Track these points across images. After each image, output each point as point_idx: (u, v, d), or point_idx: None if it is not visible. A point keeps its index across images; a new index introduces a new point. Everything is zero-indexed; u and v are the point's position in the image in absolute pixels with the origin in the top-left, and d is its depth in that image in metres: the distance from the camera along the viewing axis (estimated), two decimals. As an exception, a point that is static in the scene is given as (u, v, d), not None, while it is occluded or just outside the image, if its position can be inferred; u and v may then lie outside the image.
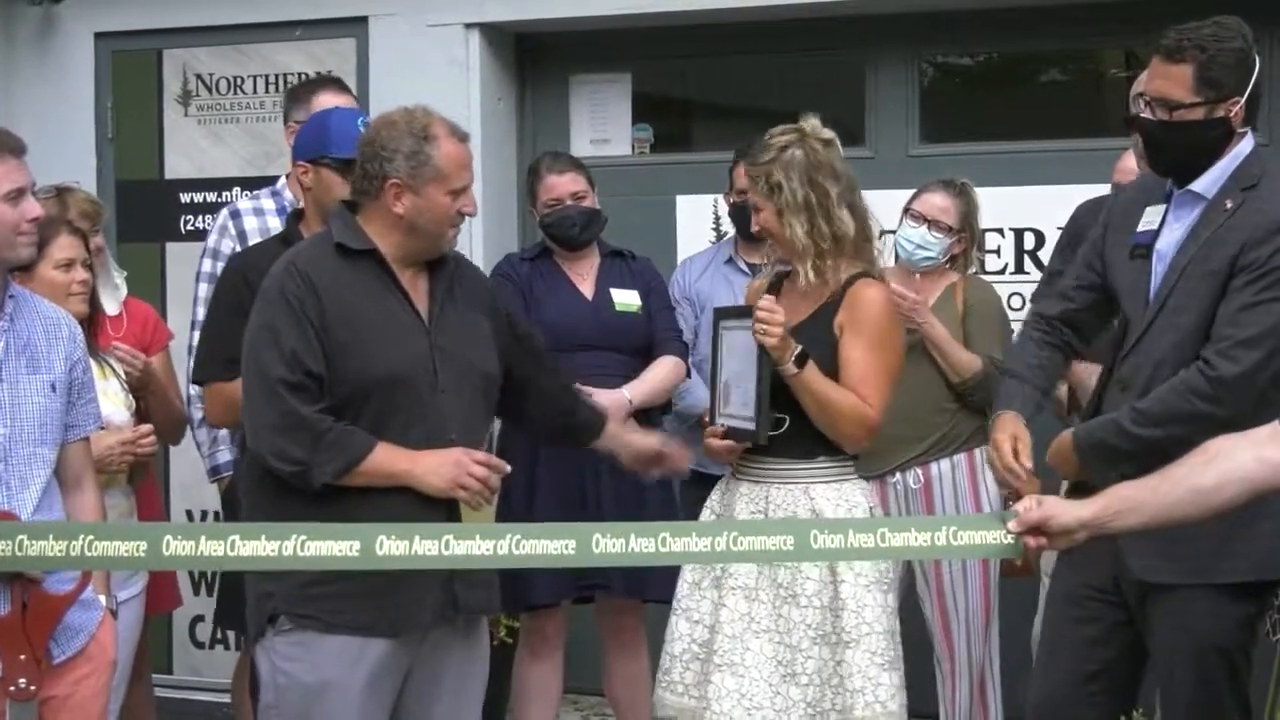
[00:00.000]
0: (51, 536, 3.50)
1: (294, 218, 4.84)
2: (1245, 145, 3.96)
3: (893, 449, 5.35)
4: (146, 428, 4.88)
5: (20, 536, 3.50)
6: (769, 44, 6.91)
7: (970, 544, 3.35)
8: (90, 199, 5.52)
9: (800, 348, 4.23)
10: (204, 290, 5.34)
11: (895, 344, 4.42)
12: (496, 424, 4.97)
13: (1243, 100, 3.89)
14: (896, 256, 5.57)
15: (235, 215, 5.41)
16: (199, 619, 6.92)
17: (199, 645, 7.13)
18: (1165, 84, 3.93)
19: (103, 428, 4.70)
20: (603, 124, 7.13)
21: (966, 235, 5.56)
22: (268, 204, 5.44)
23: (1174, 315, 3.91)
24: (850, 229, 4.36)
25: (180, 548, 3.52)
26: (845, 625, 4.19)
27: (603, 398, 4.99)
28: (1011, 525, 3.26)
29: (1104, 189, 5.59)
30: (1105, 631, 4.12)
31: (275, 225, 5.27)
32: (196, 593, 6.66)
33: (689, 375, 5.74)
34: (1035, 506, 3.26)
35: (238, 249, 5.27)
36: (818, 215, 4.34)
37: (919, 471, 5.41)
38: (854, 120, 6.83)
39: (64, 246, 4.82)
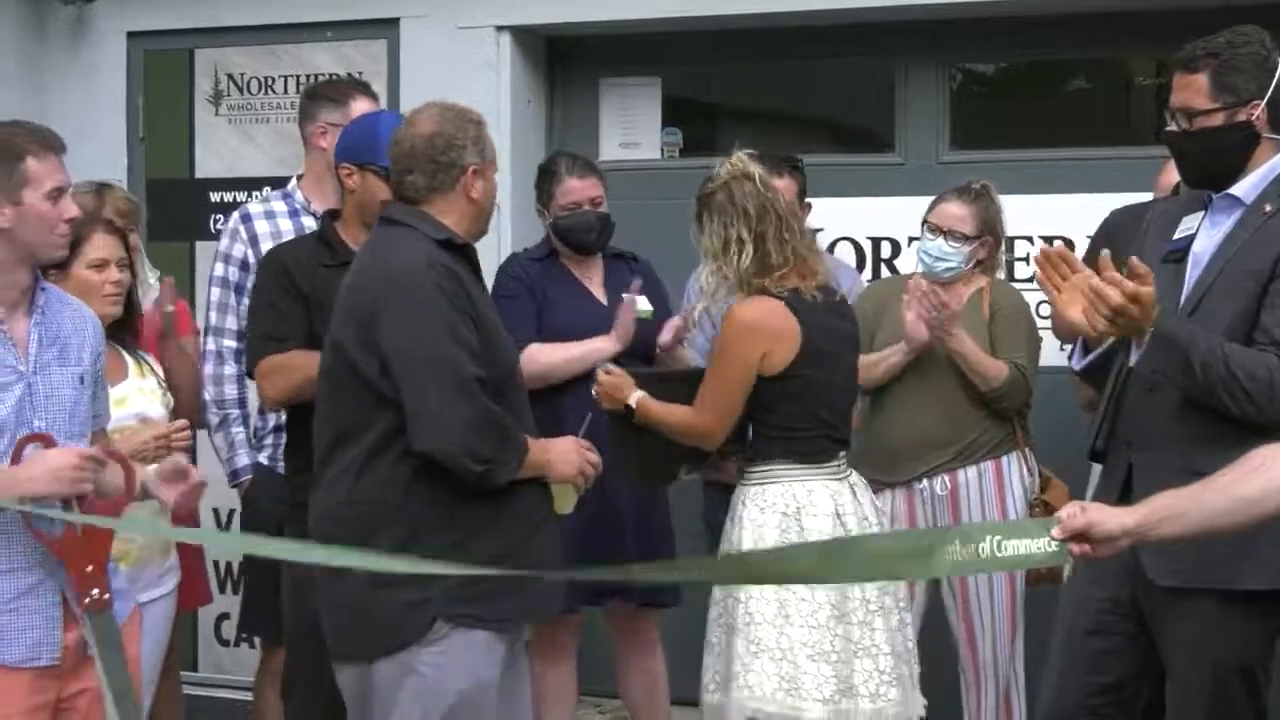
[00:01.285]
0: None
1: (329, 217, 4.83)
2: None
3: (920, 455, 5.36)
4: (182, 422, 4.89)
5: None
6: (799, 49, 6.91)
7: (1016, 555, 3.26)
8: (128, 197, 5.55)
9: (638, 392, 4.75)
10: (217, 295, 5.33)
11: (731, 358, 4.64)
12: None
13: (1263, 103, 3.90)
14: (918, 270, 5.55)
15: (246, 219, 5.36)
16: (224, 616, 6.94)
17: (224, 643, 7.14)
18: (1185, 94, 3.96)
19: (143, 421, 4.77)
20: (632, 127, 7.13)
21: (990, 238, 5.54)
22: (279, 206, 5.39)
23: (1208, 316, 3.89)
24: (747, 263, 4.65)
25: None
26: (737, 614, 4.54)
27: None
28: (1055, 532, 3.21)
29: (1133, 198, 5.59)
30: (1118, 644, 4.10)
31: (287, 228, 5.27)
32: (222, 590, 6.68)
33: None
34: (1079, 513, 3.22)
35: (250, 253, 5.25)
36: (721, 259, 4.70)
37: (946, 478, 5.38)
38: (884, 126, 6.83)
39: (99, 246, 4.81)
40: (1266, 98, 3.91)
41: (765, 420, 4.68)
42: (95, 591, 3.80)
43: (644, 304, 5.46)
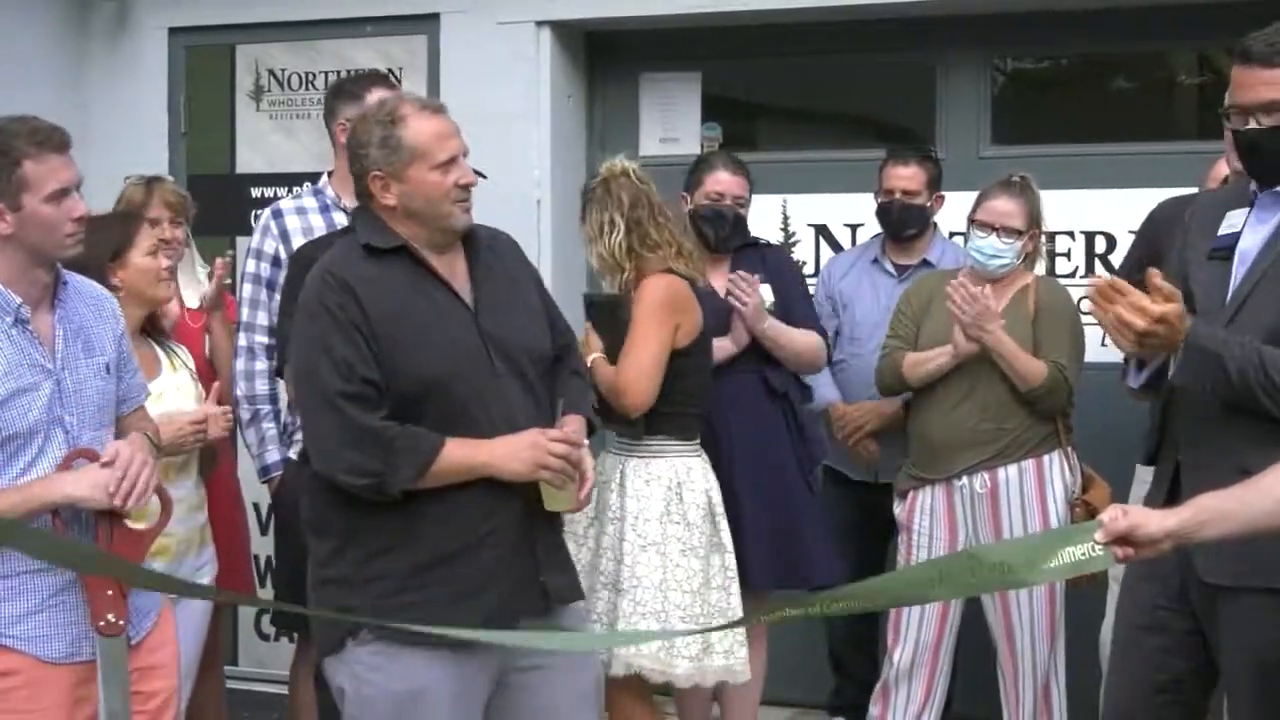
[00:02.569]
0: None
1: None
2: None
3: (960, 452, 5.34)
4: (224, 408, 4.90)
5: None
6: (840, 44, 6.89)
7: (1064, 563, 3.23)
8: (177, 190, 5.54)
9: (595, 354, 5.11)
10: (249, 291, 5.34)
11: (654, 327, 5.00)
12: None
13: None
14: (971, 267, 5.52)
15: (277, 215, 5.38)
16: (264, 611, 6.98)
17: (264, 637, 7.19)
18: (1265, 90, 3.81)
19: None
20: (672, 122, 7.12)
21: (1036, 230, 5.51)
22: (310, 202, 5.40)
23: (1254, 316, 3.82)
24: (619, 239, 5.08)
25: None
26: (622, 576, 4.97)
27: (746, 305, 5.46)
28: (1098, 536, 3.20)
29: (1174, 193, 5.55)
30: (1174, 641, 4.04)
31: (318, 223, 5.28)
32: (262, 584, 6.70)
33: (829, 362, 5.88)
34: (1121, 516, 3.20)
35: (281, 249, 5.26)
36: (598, 242, 5.13)
37: (986, 476, 5.35)
38: (924, 122, 6.81)
39: (148, 234, 4.85)
40: None
41: (661, 395, 5.01)
42: (111, 616, 3.79)
43: (764, 296, 5.53)
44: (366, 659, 3.83)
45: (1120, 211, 6.27)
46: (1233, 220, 3.99)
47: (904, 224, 6.02)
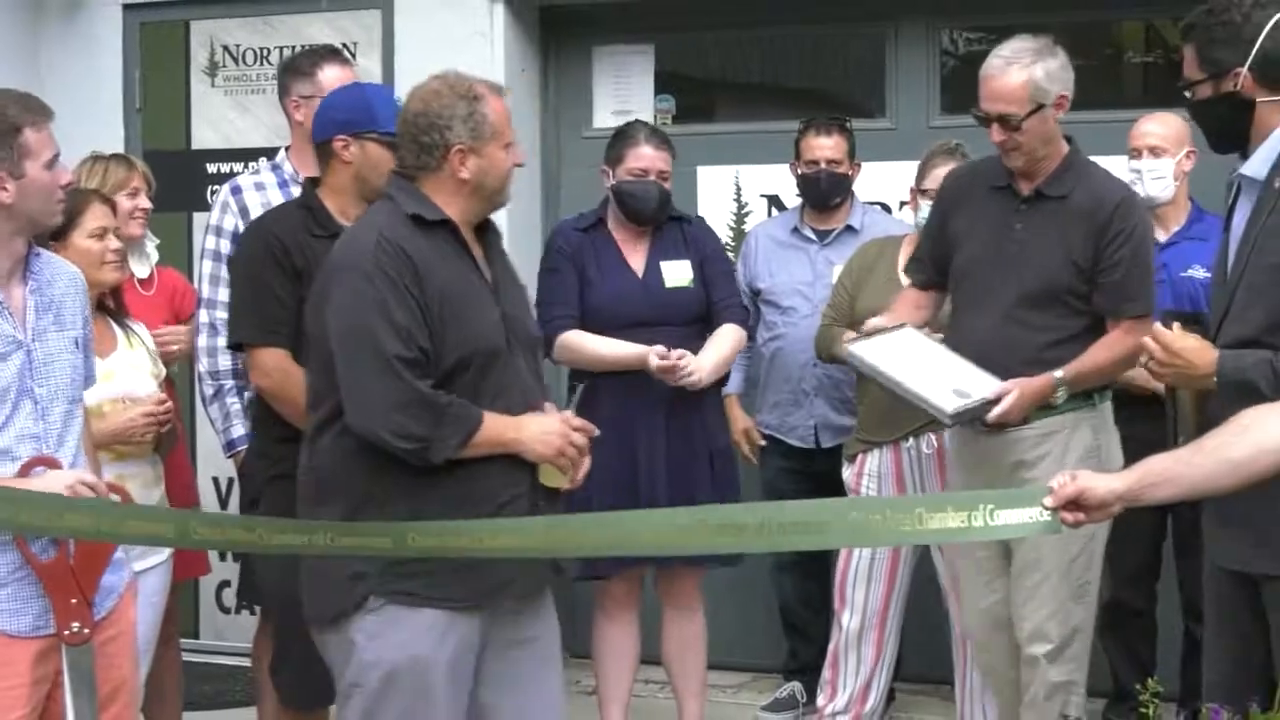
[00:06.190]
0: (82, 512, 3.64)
1: (311, 184, 4.83)
2: None
3: (907, 416, 5.38)
4: (165, 400, 4.93)
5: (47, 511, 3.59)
6: (791, 16, 6.95)
7: (1009, 524, 3.31)
8: (147, 171, 5.61)
9: None
10: (209, 267, 5.34)
11: None
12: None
13: (1245, 69, 3.86)
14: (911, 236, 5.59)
15: (236, 191, 5.39)
16: (225, 584, 7.02)
17: (225, 610, 7.22)
18: (1184, 65, 3.98)
19: (125, 403, 4.79)
20: (625, 95, 7.17)
21: None
22: (268, 178, 5.42)
23: (1243, 311, 3.83)
24: None
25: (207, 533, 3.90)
26: None
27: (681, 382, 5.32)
28: (1048, 500, 3.25)
29: (1119, 160, 5.63)
30: (1249, 621, 3.89)
31: (277, 198, 5.27)
32: (223, 558, 6.73)
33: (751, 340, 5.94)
34: (1070, 481, 3.25)
35: (240, 225, 5.25)
36: None
37: (933, 437, 5.41)
38: (875, 92, 6.87)
39: (97, 215, 4.85)
40: (1249, 64, 3.86)
41: None
42: (76, 625, 3.80)
43: (682, 274, 5.56)
44: (370, 626, 3.89)
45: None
46: (1231, 197, 4.03)
47: (831, 193, 6.10)
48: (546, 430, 3.99)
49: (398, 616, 3.87)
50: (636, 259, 5.61)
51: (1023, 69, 4.70)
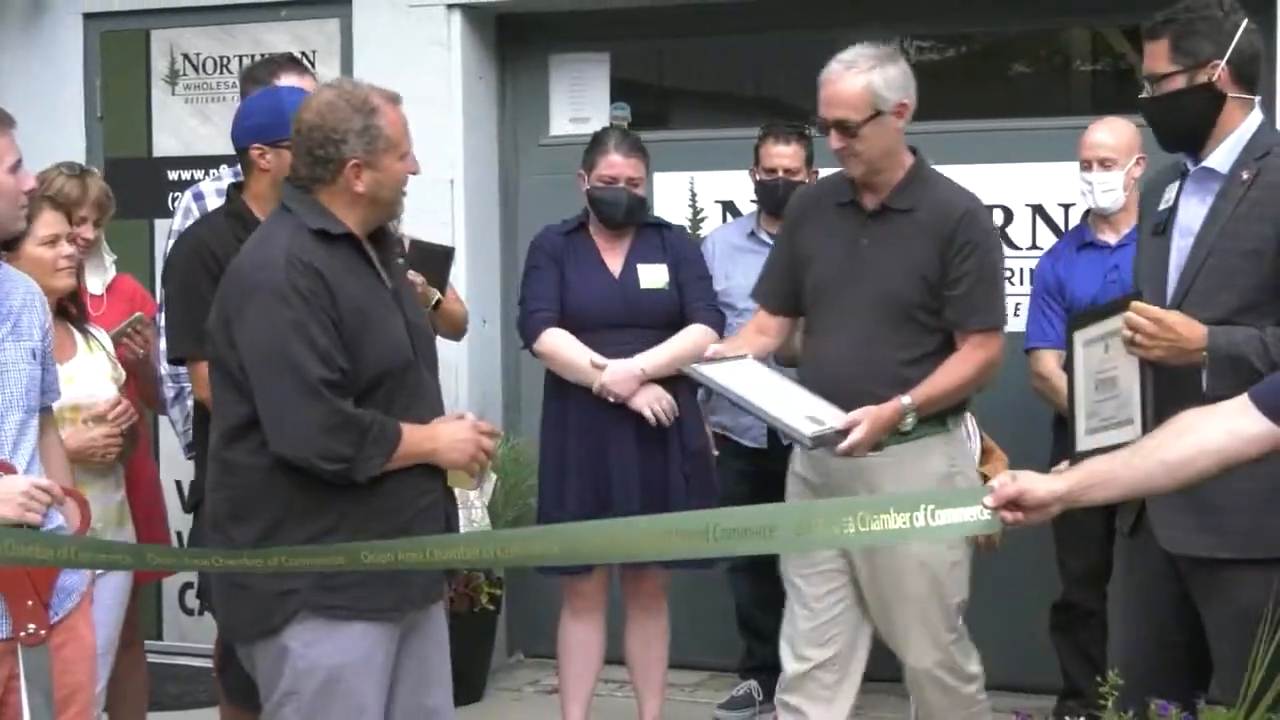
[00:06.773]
0: (39, 544, 3.61)
1: (235, 189, 4.82)
2: (1255, 118, 4.00)
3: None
4: (121, 401, 4.91)
5: (8, 541, 3.55)
6: (746, 24, 7.01)
7: (949, 523, 3.29)
8: (107, 191, 5.52)
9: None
10: None
11: None
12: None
13: (1223, 63, 3.92)
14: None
15: (199, 197, 5.38)
16: (188, 585, 7.04)
17: (188, 612, 7.26)
18: (1150, 60, 4.01)
19: (87, 422, 4.80)
20: (582, 103, 7.23)
21: None
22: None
23: (1210, 295, 3.87)
24: None
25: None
26: None
27: (617, 366, 5.39)
28: (987, 501, 3.24)
29: (1069, 167, 5.72)
30: (1172, 612, 4.02)
31: None
32: (185, 562, 6.76)
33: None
34: (1010, 481, 3.25)
35: None
36: None
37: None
38: (828, 100, 6.94)
39: (48, 223, 4.79)
40: (1226, 58, 3.92)
41: None
42: (32, 626, 3.76)
43: (657, 277, 5.66)
44: (302, 635, 3.87)
45: (1018, 186, 6.44)
46: (1167, 195, 4.09)
47: (788, 200, 6.16)
48: (458, 438, 3.99)
49: (332, 628, 3.87)
50: (614, 261, 5.71)
51: (860, 74, 4.57)
